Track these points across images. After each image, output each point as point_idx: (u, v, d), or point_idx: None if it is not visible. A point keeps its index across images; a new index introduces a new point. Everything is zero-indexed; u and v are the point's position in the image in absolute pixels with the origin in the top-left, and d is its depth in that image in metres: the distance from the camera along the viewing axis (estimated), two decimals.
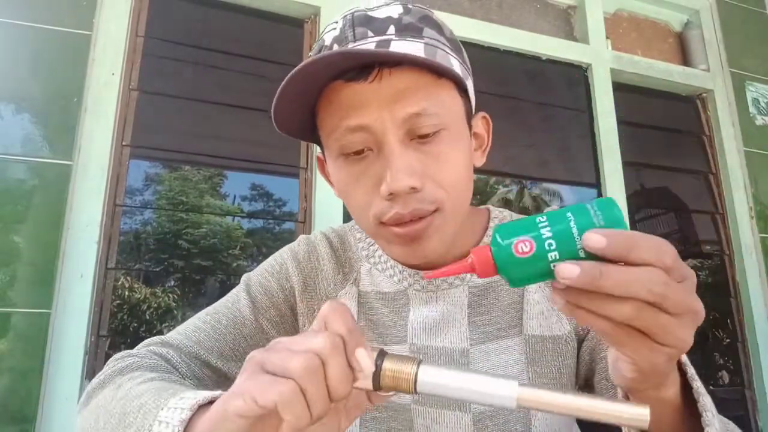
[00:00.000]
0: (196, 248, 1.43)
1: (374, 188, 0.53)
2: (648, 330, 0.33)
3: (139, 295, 1.38)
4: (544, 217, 0.36)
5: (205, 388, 0.49)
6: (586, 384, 0.66)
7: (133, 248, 1.36)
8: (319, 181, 1.45)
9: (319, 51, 0.57)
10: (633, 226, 1.84)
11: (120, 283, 1.34)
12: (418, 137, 0.53)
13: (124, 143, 1.34)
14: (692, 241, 2.00)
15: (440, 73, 0.54)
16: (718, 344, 1.94)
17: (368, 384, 0.37)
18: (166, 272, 1.41)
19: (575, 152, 1.90)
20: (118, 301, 1.32)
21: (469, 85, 0.59)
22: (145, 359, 0.59)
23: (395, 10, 0.55)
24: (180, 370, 0.61)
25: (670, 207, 2.01)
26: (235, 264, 1.47)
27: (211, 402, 0.41)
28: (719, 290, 1.95)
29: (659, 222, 2.01)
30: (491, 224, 0.68)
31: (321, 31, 0.59)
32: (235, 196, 1.51)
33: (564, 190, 2.09)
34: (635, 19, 2.15)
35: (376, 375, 0.37)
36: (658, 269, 0.32)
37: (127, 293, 1.36)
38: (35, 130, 1.22)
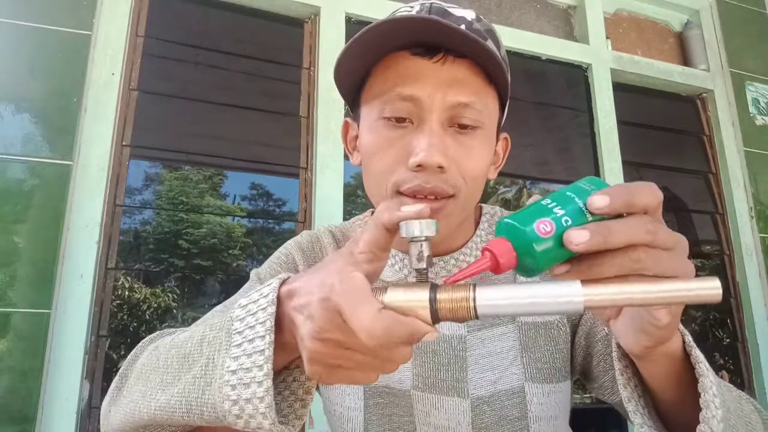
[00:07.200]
0: (196, 248, 1.43)
1: (403, 158, 0.56)
2: (659, 271, 0.35)
3: (139, 295, 1.38)
4: (549, 200, 0.37)
5: None
6: (582, 373, 0.68)
7: (133, 248, 1.36)
8: (319, 181, 1.45)
9: None
10: None
11: (120, 283, 1.34)
12: (458, 125, 0.56)
13: (124, 143, 1.34)
14: (692, 241, 2.00)
15: (492, 79, 0.58)
16: (718, 344, 1.94)
17: (428, 318, 0.37)
18: (166, 272, 1.41)
19: (575, 152, 1.90)
20: (118, 301, 1.31)
21: (507, 103, 0.64)
22: (168, 331, 0.58)
23: (470, 14, 0.59)
24: None
25: (670, 207, 2.01)
26: (235, 264, 1.47)
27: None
28: None
29: None
30: (483, 219, 0.70)
31: (392, 12, 0.61)
32: (235, 196, 1.51)
33: None
34: (635, 19, 2.15)
35: (434, 310, 0.37)
36: (642, 215, 0.35)
37: (127, 293, 1.36)
38: (35, 130, 1.22)
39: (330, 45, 1.56)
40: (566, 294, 0.34)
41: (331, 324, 0.36)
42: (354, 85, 0.61)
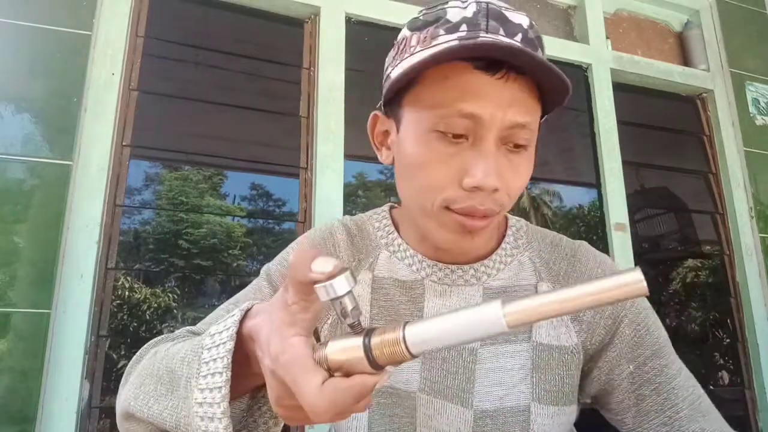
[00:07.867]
0: (196, 248, 1.43)
1: (455, 176, 0.55)
2: None
3: (139, 295, 1.38)
4: None
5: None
6: (595, 401, 0.69)
7: (133, 248, 1.36)
8: (319, 181, 1.45)
9: (436, 21, 0.56)
10: (633, 227, 1.84)
11: (120, 283, 1.34)
12: (513, 145, 0.56)
13: (124, 143, 1.34)
14: (692, 241, 2.00)
15: (542, 93, 0.57)
16: (718, 344, 1.94)
17: (368, 368, 0.37)
18: (166, 272, 1.41)
19: (575, 152, 1.90)
20: (118, 301, 1.31)
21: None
22: (172, 335, 0.61)
23: (525, 21, 0.57)
24: None
25: (670, 207, 2.01)
26: (235, 264, 1.47)
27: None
28: (719, 290, 1.95)
29: (659, 222, 2.01)
30: (509, 232, 0.70)
31: (436, 5, 0.59)
32: (235, 196, 1.51)
33: (564, 190, 2.09)
34: (635, 19, 2.15)
35: (370, 357, 0.36)
36: None
37: (127, 293, 1.35)
38: (35, 130, 1.22)
39: (330, 45, 1.56)
40: (488, 318, 0.34)
41: (285, 394, 0.38)
42: (399, 85, 0.58)
